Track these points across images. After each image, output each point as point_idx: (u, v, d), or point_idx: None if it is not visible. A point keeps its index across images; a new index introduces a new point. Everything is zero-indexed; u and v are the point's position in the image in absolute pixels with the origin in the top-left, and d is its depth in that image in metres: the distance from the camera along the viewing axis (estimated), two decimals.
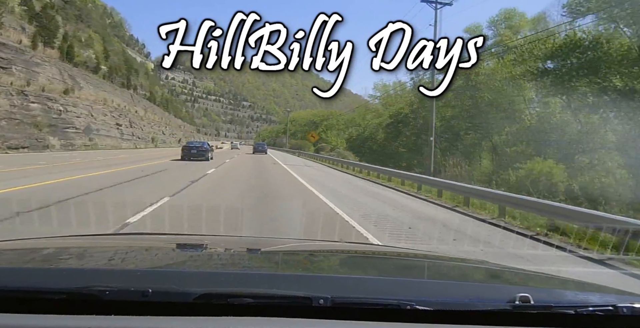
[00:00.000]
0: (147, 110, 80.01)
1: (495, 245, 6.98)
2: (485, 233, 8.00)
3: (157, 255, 1.86)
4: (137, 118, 67.87)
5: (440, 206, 12.05)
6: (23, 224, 6.04)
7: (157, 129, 79.48)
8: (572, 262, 6.21)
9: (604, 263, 6.21)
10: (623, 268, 5.95)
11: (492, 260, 2.74)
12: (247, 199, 10.04)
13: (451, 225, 8.67)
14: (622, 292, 1.44)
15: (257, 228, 6.85)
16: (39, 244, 1.96)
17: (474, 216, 10.31)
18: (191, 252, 2.00)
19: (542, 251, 6.85)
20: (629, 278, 5.58)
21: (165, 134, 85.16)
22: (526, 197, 10.50)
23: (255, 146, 52.47)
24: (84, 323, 1.03)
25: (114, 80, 68.07)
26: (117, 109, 58.82)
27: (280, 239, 3.87)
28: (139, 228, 6.33)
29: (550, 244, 7.21)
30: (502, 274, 1.89)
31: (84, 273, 1.33)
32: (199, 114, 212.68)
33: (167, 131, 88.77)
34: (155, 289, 1.11)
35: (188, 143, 28.59)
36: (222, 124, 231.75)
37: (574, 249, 6.89)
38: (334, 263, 1.98)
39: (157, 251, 1.95)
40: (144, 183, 13.50)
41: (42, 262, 1.59)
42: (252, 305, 1.12)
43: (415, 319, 1.14)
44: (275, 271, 1.66)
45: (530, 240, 7.50)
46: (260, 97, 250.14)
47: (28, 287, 1.13)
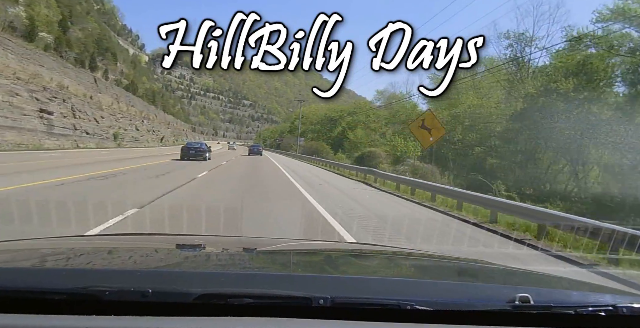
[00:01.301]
0: (120, 100, 63.96)
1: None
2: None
3: (157, 256, 1.86)
4: (92, 106, 51.10)
5: None
6: None
7: (127, 123, 62.65)
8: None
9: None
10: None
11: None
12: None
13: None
14: (622, 292, 1.44)
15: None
16: (39, 245, 1.96)
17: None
18: (191, 253, 2.00)
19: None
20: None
21: (140, 129, 67.16)
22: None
23: (251, 148, 52.65)
24: (83, 324, 1.03)
25: (68, 58, 52.13)
26: (51, 91, 40.98)
27: (280, 239, 3.87)
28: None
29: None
30: (501, 274, 1.89)
31: (83, 273, 1.34)
32: (195, 111, 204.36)
33: (144, 127, 70.85)
34: (155, 289, 1.11)
35: (187, 144, 29.49)
36: (220, 123, 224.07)
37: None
38: (334, 263, 1.98)
39: (157, 251, 1.95)
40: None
41: (41, 263, 1.59)
42: (251, 305, 1.12)
43: (415, 319, 1.14)
44: (275, 271, 1.66)
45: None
46: (262, 96, 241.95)
47: (28, 287, 1.13)
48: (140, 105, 75.75)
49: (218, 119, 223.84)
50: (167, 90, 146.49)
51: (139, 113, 72.47)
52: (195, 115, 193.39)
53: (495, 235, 8.26)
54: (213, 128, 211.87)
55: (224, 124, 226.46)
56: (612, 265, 6.44)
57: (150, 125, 76.15)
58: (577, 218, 7.72)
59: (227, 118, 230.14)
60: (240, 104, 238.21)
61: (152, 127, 76.33)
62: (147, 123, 75.37)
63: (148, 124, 75.51)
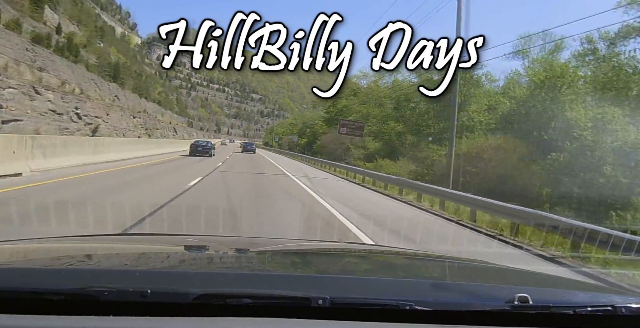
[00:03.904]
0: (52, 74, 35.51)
1: None
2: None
3: (156, 256, 1.86)
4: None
5: None
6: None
7: (66, 106, 34.47)
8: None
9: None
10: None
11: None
12: None
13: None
14: (621, 292, 1.44)
15: None
16: (38, 245, 1.96)
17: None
18: (190, 253, 2.00)
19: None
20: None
21: (82, 118, 36.72)
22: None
23: (244, 145, 52.75)
24: (83, 324, 1.03)
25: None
26: None
27: (279, 239, 3.87)
28: None
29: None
30: (500, 274, 1.89)
31: (82, 273, 1.34)
32: (195, 104, 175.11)
33: (85, 111, 37.86)
34: (154, 290, 1.11)
35: (195, 142, 33.73)
36: (224, 118, 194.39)
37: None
38: (333, 264, 1.98)
39: (156, 252, 1.95)
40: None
41: (41, 263, 1.59)
42: (250, 305, 1.12)
43: (414, 319, 1.14)
44: (274, 271, 1.66)
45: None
46: (273, 90, 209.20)
47: (27, 288, 1.13)
48: (107, 90, 48.72)
49: (222, 113, 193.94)
50: (161, 77, 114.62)
51: (100, 97, 43.81)
52: (194, 108, 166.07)
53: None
54: (216, 124, 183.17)
55: (229, 120, 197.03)
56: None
57: (121, 116, 47.97)
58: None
59: (233, 113, 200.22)
60: (248, 97, 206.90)
61: (120, 119, 46.91)
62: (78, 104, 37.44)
63: (100, 110, 41.60)
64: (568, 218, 8.17)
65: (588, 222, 7.92)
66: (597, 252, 6.56)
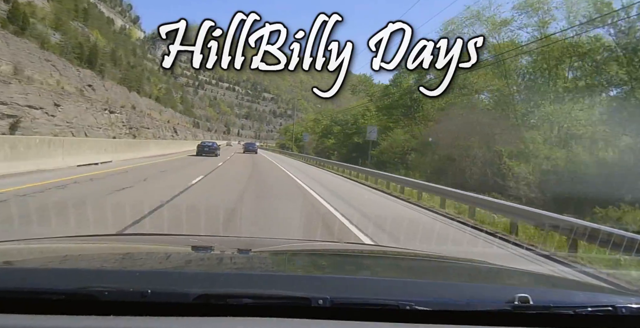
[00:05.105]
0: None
1: None
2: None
3: (156, 256, 1.86)
4: None
5: None
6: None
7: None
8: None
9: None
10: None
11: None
12: None
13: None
14: (621, 292, 1.44)
15: None
16: (38, 245, 1.96)
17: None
18: (190, 253, 2.00)
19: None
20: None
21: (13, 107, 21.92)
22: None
23: (246, 146, 52.72)
24: (82, 324, 1.03)
25: None
26: None
27: (279, 240, 3.88)
28: None
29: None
30: (501, 274, 1.89)
31: (82, 273, 1.34)
32: (203, 103, 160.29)
33: (3, 98, 21.54)
34: (154, 290, 1.11)
35: (202, 143, 36.91)
36: (234, 119, 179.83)
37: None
38: (333, 264, 1.98)
39: (156, 252, 1.95)
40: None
41: (41, 263, 1.59)
42: (250, 305, 1.12)
43: (414, 320, 1.14)
44: (274, 271, 1.66)
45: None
46: (286, 89, 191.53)
47: (27, 288, 1.13)
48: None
49: (232, 113, 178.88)
50: (165, 74, 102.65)
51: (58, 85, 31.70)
52: (202, 107, 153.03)
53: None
54: (225, 124, 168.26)
55: (240, 120, 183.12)
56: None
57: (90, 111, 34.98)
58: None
59: (244, 113, 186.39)
60: (260, 97, 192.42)
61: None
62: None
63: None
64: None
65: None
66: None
